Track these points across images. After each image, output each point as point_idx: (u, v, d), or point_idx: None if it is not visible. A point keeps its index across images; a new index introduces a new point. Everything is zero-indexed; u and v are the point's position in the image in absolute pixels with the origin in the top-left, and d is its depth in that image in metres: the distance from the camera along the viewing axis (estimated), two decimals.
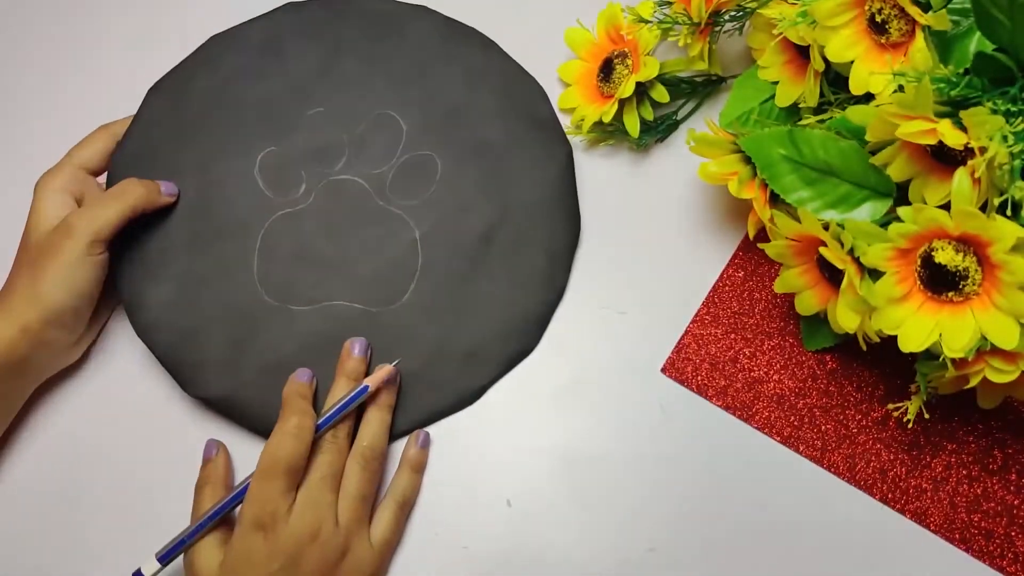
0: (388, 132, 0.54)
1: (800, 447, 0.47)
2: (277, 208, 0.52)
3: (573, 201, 0.53)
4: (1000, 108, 0.37)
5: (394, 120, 0.54)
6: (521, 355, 0.51)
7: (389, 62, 0.55)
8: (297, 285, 0.51)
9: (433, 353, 0.50)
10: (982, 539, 0.45)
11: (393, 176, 0.53)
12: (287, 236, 0.52)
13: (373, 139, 0.54)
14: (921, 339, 0.38)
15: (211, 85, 0.55)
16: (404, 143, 0.53)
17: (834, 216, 0.43)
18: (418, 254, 0.51)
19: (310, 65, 0.55)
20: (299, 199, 0.53)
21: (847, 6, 0.43)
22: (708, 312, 0.51)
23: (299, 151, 0.53)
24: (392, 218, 0.52)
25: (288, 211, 0.52)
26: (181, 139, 0.54)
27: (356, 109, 0.54)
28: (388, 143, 0.54)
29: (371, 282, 0.51)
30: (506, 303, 0.51)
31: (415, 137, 0.54)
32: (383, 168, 0.53)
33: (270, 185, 0.53)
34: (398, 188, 0.53)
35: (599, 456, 0.48)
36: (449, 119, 0.54)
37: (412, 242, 0.52)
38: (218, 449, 0.49)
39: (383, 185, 0.53)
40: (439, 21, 0.56)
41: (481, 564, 0.47)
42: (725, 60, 0.57)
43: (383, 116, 0.54)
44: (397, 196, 0.53)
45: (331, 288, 0.51)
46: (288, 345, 0.50)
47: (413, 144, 0.53)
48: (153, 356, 0.51)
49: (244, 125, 0.54)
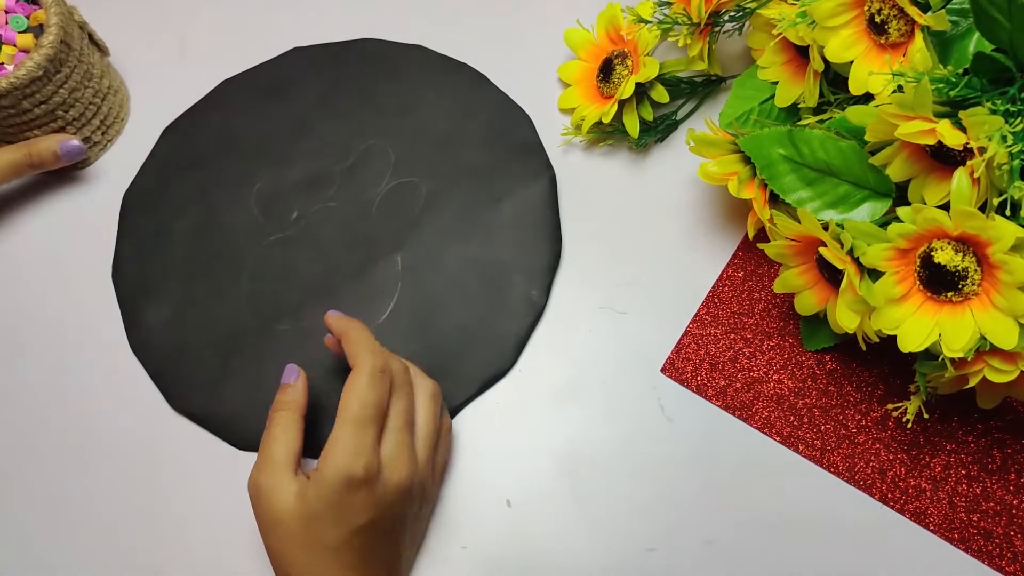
0: (377, 161, 0.56)
1: (799, 447, 0.48)
2: (270, 233, 0.55)
3: (555, 225, 0.53)
4: (999, 108, 0.37)
5: (383, 150, 0.56)
6: (496, 377, 0.51)
7: (382, 96, 0.59)
8: (282, 306, 0.53)
9: None
10: (981, 539, 0.45)
11: (379, 202, 0.55)
12: (276, 260, 0.54)
13: (363, 168, 0.56)
14: (920, 339, 0.38)
15: (219, 123, 0.59)
16: (392, 171, 0.56)
17: (834, 216, 0.43)
18: (399, 276, 0.53)
19: (310, 102, 0.59)
20: (290, 225, 0.55)
21: (847, 6, 0.43)
22: (708, 312, 0.51)
23: (293, 181, 0.57)
24: (375, 242, 0.54)
25: (279, 236, 0.55)
26: (188, 173, 0.58)
27: (348, 141, 0.57)
28: (376, 172, 0.56)
29: (352, 303, 0.52)
30: (483, 324, 0.51)
31: (402, 165, 0.56)
32: (370, 195, 0.55)
33: (264, 213, 0.56)
34: (384, 213, 0.55)
35: (599, 456, 0.48)
36: (436, 147, 0.56)
37: (393, 264, 0.53)
38: (298, 375, 0.47)
39: (369, 211, 0.55)
40: (432, 57, 0.59)
41: (481, 564, 0.47)
42: (725, 60, 0.57)
43: (373, 147, 0.57)
44: (382, 221, 0.54)
45: (313, 309, 0.53)
46: (269, 364, 0.51)
47: (400, 172, 0.56)
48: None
49: (246, 158, 0.58)
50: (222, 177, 0.57)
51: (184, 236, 0.56)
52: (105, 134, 0.59)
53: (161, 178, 0.58)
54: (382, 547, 0.42)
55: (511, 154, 0.55)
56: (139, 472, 0.51)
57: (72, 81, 0.55)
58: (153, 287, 0.55)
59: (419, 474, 0.44)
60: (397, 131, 0.57)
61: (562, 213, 0.54)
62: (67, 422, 0.52)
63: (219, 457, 0.50)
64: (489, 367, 0.51)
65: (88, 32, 0.57)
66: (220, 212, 0.56)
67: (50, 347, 0.54)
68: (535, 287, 0.52)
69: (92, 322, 0.54)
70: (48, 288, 0.56)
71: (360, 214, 0.55)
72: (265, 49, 0.61)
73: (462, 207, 0.54)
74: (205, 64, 0.62)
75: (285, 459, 0.43)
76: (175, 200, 0.57)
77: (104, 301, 0.55)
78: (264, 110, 0.59)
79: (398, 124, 0.57)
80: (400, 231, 0.54)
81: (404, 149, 0.56)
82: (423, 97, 0.58)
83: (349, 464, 0.40)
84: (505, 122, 0.56)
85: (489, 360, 0.51)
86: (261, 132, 0.58)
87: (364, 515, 0.41)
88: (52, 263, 0.56)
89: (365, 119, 0.58)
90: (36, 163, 0.55)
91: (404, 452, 0.43)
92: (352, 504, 0.40)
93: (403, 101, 0.58)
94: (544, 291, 0.52)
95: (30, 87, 0.52)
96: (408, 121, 0.57)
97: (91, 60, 0.57)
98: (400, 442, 0.43)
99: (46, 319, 0.55)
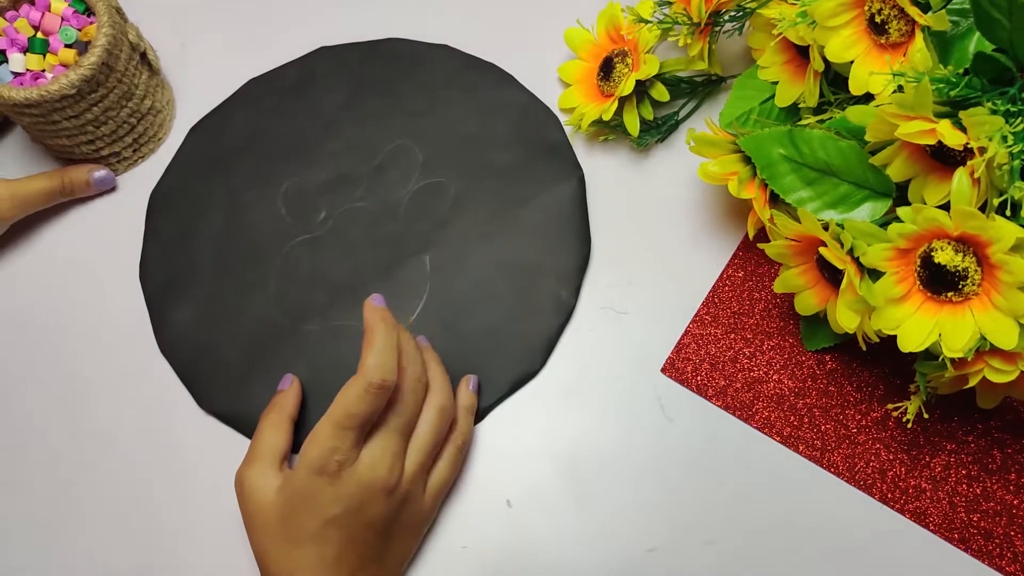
0: (404, 161, 0.56)
1: (800, 447, 0.48)
2: (297, 234, 0.55)
3: (584, 225, 0.53)
4: (999, 108, 0.37)
5: (411, 150, 0.56)
6: (526, 378, 0.51)
7: (409, 97, 0.58)
8: (310, 307, 0.53)
9: None
10: (981, 539, 0.45)
11: (407, 202, 0.54)
12: (304, 261, 0.54)
13: (390, 168, 0.56)
14: (920, 339, 0.38)
15: (246, 123, 0.59)
16: (419, 171, 0.55)
17: (834, 216, 0.43)
18: (427, 277, 0.52)
19: (337, 102, 0.59)
20: (318, 226, 0.55)
21: (847, 6, 0.43)
22: (708, 312, 0.51)
23: (320, 182, 0.56)
24: (403, 242, 0.54)
25: (307, 237, 0.55)
26: (215, 172, 0.58)
27: (376, 141, 0.57)
28: (404, 171, 0.55)
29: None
30: (513, 326, 0.51)
31: (430, 165, 0.55)
32: (398, 195, 0.55)
33: (292, 213, 0.55)
34: (411, 213, 0.54)
35: (599, 456, 0.48)
36: (463, 147, 0.56)
37: (421, 265, 0.53)
38: (292, 383, 0.49)
39: (397, 211, 0.54)
40: (458, 57, 0.59)
41: (481, 564, 0.47)
42: (725, 60, 0.57)
43: (400, 147, 0.56)
44: (410, 221, 0.54)
45: (341, 310, 0.52)
46: (297, 364, 0.51)
47: (428, 172, 0.55)
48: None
49: (272, 158, 0.57)
50: (248, 177, 0.57)
51: (210, 236, 0.56)
52: (137, 151, 0.58)
53: (187, 178, 0.58)
54: (360, 546, 0.42)
55: (539, 154, 0.55)
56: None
57: (107, 101, 0.54)
58: (180, 287, 0.54)
59: (406, 481, 0.44)
60: (424, 131, 0.56)
61: None
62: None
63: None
64: (519, 368, 0.50)
65: (142, 51, 0.56)
66: (246, 212, 0.56)
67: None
68: (564, 288, 0.51)
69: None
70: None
71: (388, 214, 0.54)
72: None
73: (491, 208, 0.54)
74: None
75: (271, 455, 0.44)
76: (201, 200, 0.57)
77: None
78: (290, 110, 0.59)
79: (425, 124, 0.57)
80: (428, 232, 0.54)
81: (431, 149, 0.56)
82: (450, 97, 0.57)
83: (321, 456, 0.41)
84: (532, 122, 0.56)
85: (519, 361, 0.50)
86: (287, 132, 0.58)
87: (334, 507, 0.41)
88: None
89: (392, 119, 0.57)
90: (68, 191, 0.56)
91: (387, 455, 0.43)
92: (323, 494, 0.41)
93: (430, 101, 0.57)
94: (574, 292, 0.52)
95: (60, 103, 0.51)
96: (435, 121, 0.57)
97: (134, 81, 0.55)
98: (386, 444, 0.43)
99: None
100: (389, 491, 0.43)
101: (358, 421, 0.42)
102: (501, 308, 0.51)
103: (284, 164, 0.57)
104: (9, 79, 0.53)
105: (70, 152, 0.56)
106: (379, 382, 0.42)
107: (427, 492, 0.46)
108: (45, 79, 0.53)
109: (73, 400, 0.53)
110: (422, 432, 0.45)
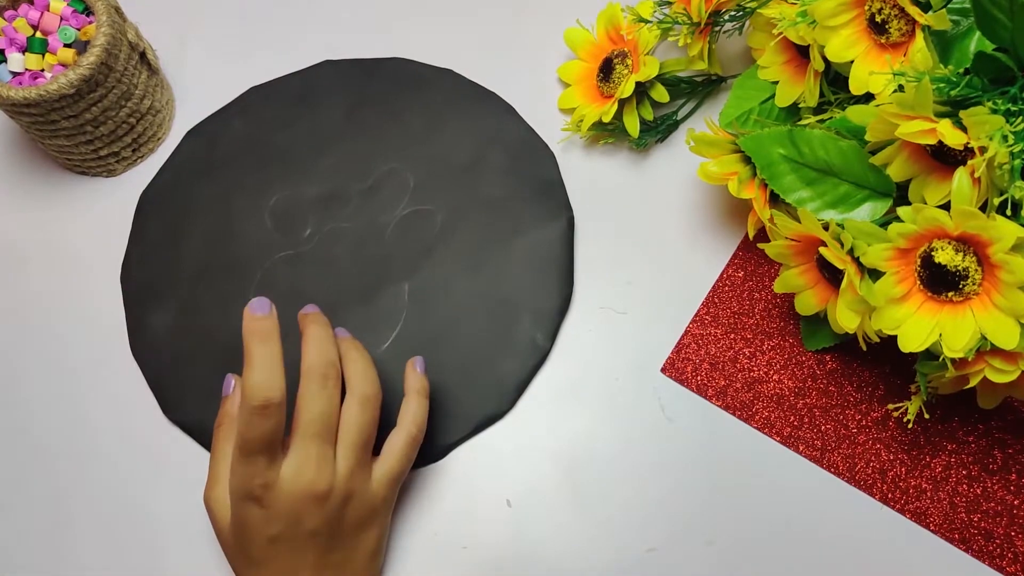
0: (395, 185, 0.55)
1: (800, 447, 0.47)
2: (281, 249, 0.54)
3: (569, 267, 0.52)
4: (1000, 108, 0.37)
5: (403, 174, 0.55)
6: (494, 418, 0.50)
7: (408, 119, 0.57)
8: (285, 324, 0.51)
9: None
10: (982, 539, 0.45)
11: (393, 227, 0.54)
12: (285, 276, 0.54)
13: (381, 191, 0.55)
14: (921, 339, 0.38)
15: (243, 130, 0.58)
16: (409, 196, 0.55)
17: (834, 216, 0.43)
18: (404, 306, 0.52)
19: (335, 118, 0.58)
20: (302, 242, 0.54)
21: (847, 6, 0.43)
22: (708, 312, 0.51)
23: (310, 197, 0.56)
24: (385, 267, 0.53)
25: (290, 253, 0.54)
26: (207, 177, 0.57)
27: (369, 162, 0.56)
28: (394, 196, 0.55)
29: (355, 328, 0.51)
30: (484, 364, 0.50)
31: (420, 191, 0.55)
32: (385, 219, 0.54)
33: (278, 227, 0.55)
34: (397, 239, 0.54)
35: (599, 456, 0.48)
36: (456, 177, 0.55)
37: (400, 294, 0.52)
38: (235, 384, 0.47)
39: (383, 235, 0.54)
40: (462, 84, 0.58)
41: (481, 564, 0.47)
42: (725, 60, 0.57)
43: (393, 171, 0.55)
44: (394, 246, 0.54)
45: None
46: None
47: (417, 198, 0.55)
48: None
49: (265, 168, 0.57)
50: (239, 185, 0.56)
51: (195, 242, 0.55)
52: (136, 151, 0.58)
53: (179, 181, 0.57)
54: (311, 554, 0.42)
55: (531, 191, 0.54)
56: (130, 478, 0.51)
57: (106, 101, 0.53)
58: (158, 291, 0.54)
59: (340, 481, 0.42)
60: (419, 156, 0.56)
61: None
62: (63, 422, 0.52)
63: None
64: (487, 409, 0.50)
65: (141, 51, 0.56)
66: (234, 221, 0.55)
67: (53, 346, 0.54)
68: (540, 331, 0.51)
69: (99, 323, 0.54)
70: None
71: (373, 237, 0.54)
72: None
73: (477, 240, 0.53)
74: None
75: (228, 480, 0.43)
76: (190, 204, 0.56)
77: (112, 303, 0.55)
78: (288, 121, 0.58)
79: (421, 149, 0.56)
80: (411, 259, 0.53)
81: (424, 175, 0.55)
82: (448, 123, 0.57)
83: (242, 484, 0.41)
84: (528, 158, 0.55)
85: (487, 401, 0.50)
86: (283, 143, 0.57)
87: (271, 527, 0.41)
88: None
89: (389, 141, 0.57)
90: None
91: (309, 463, 0.41)
92: (256, 518, 0.41)
93: (428, 125, 0.57)
94: (549, 336, 0.51)
95: (59, 102, 0.51)
96: (431, 147, 0.56)
97: (133, 81, 0.55)
98: (305, 453, 0.41)
99: (55, 316, 0.55)
100: (322, 498, 0.41)
101: (257, 446, 0.40)
102: (475, 344, 0.51)
103: (276, 176, 0.56)
104: (8, 79, 0.53)
105: (69, 152, 0.56)
106: (261, 402, 0.39)
107: (376, 484, 0.44)
108: (44, 79, 0.53)
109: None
110: (345, 429, 0.43)
